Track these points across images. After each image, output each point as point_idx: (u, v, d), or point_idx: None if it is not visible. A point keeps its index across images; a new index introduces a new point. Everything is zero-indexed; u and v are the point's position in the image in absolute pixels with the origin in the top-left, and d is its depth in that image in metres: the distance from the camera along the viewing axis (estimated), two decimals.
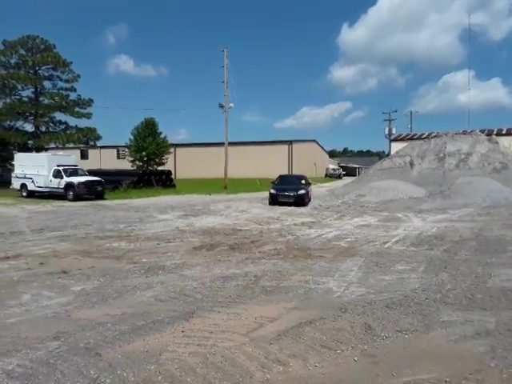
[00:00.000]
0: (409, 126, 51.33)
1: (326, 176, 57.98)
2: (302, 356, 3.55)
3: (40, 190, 22.27)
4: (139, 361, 3.43)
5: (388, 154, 36.51)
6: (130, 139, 33.00)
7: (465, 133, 28.64)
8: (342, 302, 4.94)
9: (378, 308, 4.72)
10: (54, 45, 32.80)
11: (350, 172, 61.85)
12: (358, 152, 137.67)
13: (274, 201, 17.46)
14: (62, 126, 33.48)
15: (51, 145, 33.33)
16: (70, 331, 4.08)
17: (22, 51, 31.87)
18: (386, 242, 8.78)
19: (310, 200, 18.90)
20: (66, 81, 33.12)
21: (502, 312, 4.57)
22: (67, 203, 19.38)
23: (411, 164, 24.35)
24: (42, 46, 32.34)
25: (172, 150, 38.06)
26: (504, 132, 35.53)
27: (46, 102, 32.71)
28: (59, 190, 21.30)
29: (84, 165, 28.91)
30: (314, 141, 57.43)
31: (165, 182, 30.56)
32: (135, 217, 13.79)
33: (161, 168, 32.84)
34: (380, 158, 42.23)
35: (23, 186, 22.90)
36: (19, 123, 32.54)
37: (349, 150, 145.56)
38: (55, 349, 3.68)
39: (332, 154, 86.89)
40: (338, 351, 3.64)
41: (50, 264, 7.02)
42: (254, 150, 45.59)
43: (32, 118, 32.38)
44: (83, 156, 46.07)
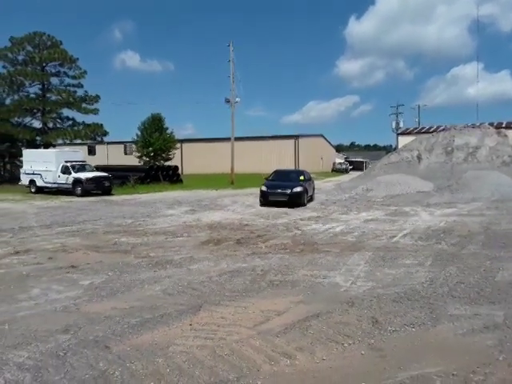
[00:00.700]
0: (416, 119, 50.97)
1: (332, 170, 57.73)
2: (309, 349, 3.56)
3: (48, 185, 22.47)
4: (147, 353, 3.47)
5: (395, 148, 36.26)
6: (137, 135, 33.15)
7: (473, 126, 28.32)
8: (349, 296, 4.94)
9: (385, 302, 4.71)
10: (60, 41, 32.97)
11: (357, 166, 61.49)
12: (365, 146, 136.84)
13: (265, 200, 14.90)
14: (70, 122, 33.71)
15: (59, 141, 33.60)
16: (79, 324, 4.13)
17: (29, 48, 32.02)
18: (394, 237, 8.75)
19: (312, 198, 17.21)
20: (73, 77, 33.28)
21: (511, 306, 4.54)
22: (75, 199, 19.54)
23: (419, 158, 24.17)
24: (49, 43, 32.47)
25: (178, 145, 38.13)
26: None
27: (54, 98, 32.92)
28: (67, 186, 21.47)
29: (91, 161, 29.09)
30: (321, 135, 57.19)
31: (172, 177, 30.64)
32: (143, 212, 13.87)
33: (167, 163, 32.94)
34: (387, 152, 41.96)
35: (32, 181, 23.12)
36: (27, 120, 32.82)
37: (356, 144, 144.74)
38: (65, 342, 3.73)
39: (339, 149, 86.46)
40: (345, 345, 3.64)
41: (58, 259, 7.10)
42: (260, 145, 45.53)
43: (40, 114, 32.61)
44: (90, 152, 46.29)
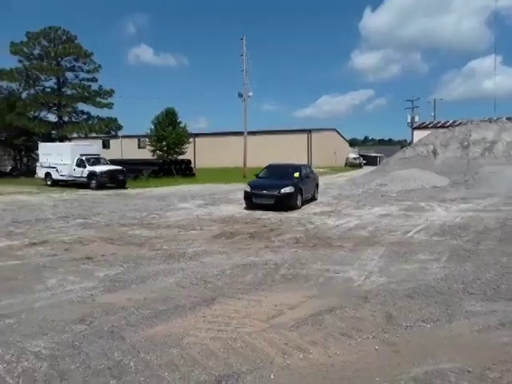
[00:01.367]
0: (432, 113, 50.10)
1: (346, 165, 57.25)
2: (323, 343, 3.55)
3: (64, 178, 22.80)
4: (162, 345, 3.50)
5: (410, 143, 35.77)
6: (151, 129, 33.33)
7: (490, 120, 27.72)
8: (363, 290, 4.91)
9: (399, 297, 4.67)
10: (75, 36, 33.23)
11: (371, 161, 60.79)
12: (380, 141, 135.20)
13: (249, 203, 12.53)
14: (85, 116, 34.05)
15: (74, 135, 34.00)
16: (95, 315, 4.19)
17: (45, 42, 32.33)
18: (408, 232, 8.65)
19: (314, 197, 15.11)
20: (88, 71, 33.55)
21: None
22: (90, 192, 19.80)
23: (434, 153, 23.79)
24: (64, 37, 32.74)
25: (191, 139, 38.26)
26: None
27: (69, 92, 33.27)
28: (82, 179, 21.75)
29: (106, 154, 29.37)
30: (334, 129, 56.67)
31: (184, 171, 30.79)
32: (156, 205, 13.98)
33: (181, 157, 33.09)
34: (402, 147, 41.39)
35: (48, 174, 23.49)
36: (43, 113, 33.28)
37: (370, 138, 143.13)
38: (80, 332, 3.79)
39: (352, 143, 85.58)
40: (359, 339, 3.63)
41: (74, 250, 7.21)
42: (273, 139, 45.35)
43: (55, 108, 33.03)
44: (105, 146, 46.90)
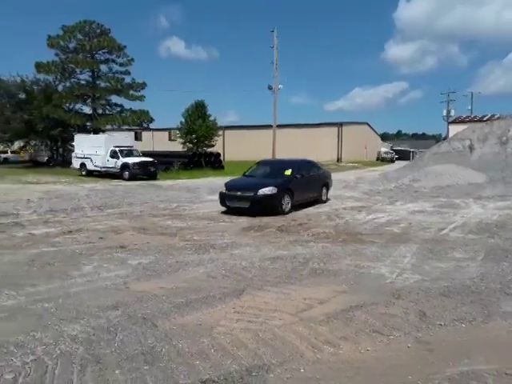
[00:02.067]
0: (469, 107, 48.28)
1: (377, 159, 56.11)
2: (353, 339, 3.51)
3: (98, 169, 23.50)
4: (193, 333, 3.56)
5: (445, 137, 34.61)
6: (181, 121, 33.73)
7: None
8: (395, 288, 4.81)
9: (433, 296, 4.55)
10: (109, 29, 33.90)
11: (404, 156, 59.30)
12: (413, 135, 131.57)
13: (224, 206, 10.80)
14: (118, 109, 34.87)
15: (108, 126, 34.90)
16: (128, 302, 4.31)
17: (80, 36, 33.17)
18: (443, 229, 8.39)
19: (321, 199, 12.51)
20: (121, 64, 34.25)
21: None
22: (123, 182, 20.32)
23: (471, 148, 22.90)
24: (98, 31, 33.49)
25: (221, 132, 38.50)
26: None
27: (103, 85, 34.12)
28: (115, 170, 22.34)
29: (138, 146, 30.01)
30: (366, 123, 55.54)
31: (214, 163, 31.05)
32: (186, 197, 14.20)
33: (210, 150, 33.39)
34: (436, 142, 40.14)
35: (82, 165, 24.28)
36: (78, 106, 34.32)
37: (403, 132, 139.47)
38: (115, 318, 3.91)
39: (384, 137, 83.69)
40: (391, 337, 3.56)
41: (108, 239, 7.43)
42: (302, 133, 44.97)
43: (90, 100, 33.98)
44: (137, 138, 47.76)
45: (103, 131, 33.87)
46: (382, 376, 2.97)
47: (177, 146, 35.48)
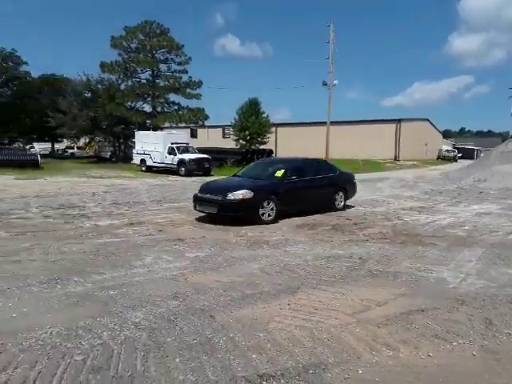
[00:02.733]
0: None
1: (438, 158, 53.28)
2: (414, 344, 3.38)
3: (156, 165, 24.52)
4: (249, 327, 3.61)
5: None
6: (235, 118, 34.24)
7: None
8: (459, 293, 4.55)
9: (500, 303, 4.26)
10: (168, 29, 35.16)
11: (467, 154, 55.81)
12: (477, 132, 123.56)
13: (195, 208, 9.40)
14: (175, 107, 36.10)
15: (166, 124, 36.26)
16: (187, 293, 4.46)
17: (141, 36, 34.70)
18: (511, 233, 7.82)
19: (334, 206, 10.49)
20: (179, 63, 35.43)
21: None
22: (180, 178, 21.04)
23: None
24: (158, 31, 34.81)
25: (273, 129, 38.54)
26: None
27: (162, 83, 35.49)
28: (173, 166, 23.17)
29: (193, 143, 30.87)
30: (426, 119, 52.88)
31: None
32: None
33: (262, 147, 33.57)
34: (503, 140, 37.40)
35: (142, 161, 25.44)
36: (139, 104, 36.00)
37: (466, 130, 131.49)
38: (175, 307, 4.06)
39: (446, 135, 79.25)
40: (454, 343, 3.38)
41: (167, 232, 7.73)
42: (357, 130, 43.78)
43: (150, 99, 35.49)
44: (193, 135, 49.17)
45: (161, 128, 35.24)
46: (445, 383, 2.83)
47: (230, 143, 36.07)
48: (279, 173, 9.58)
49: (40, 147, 44.03)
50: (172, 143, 23.73)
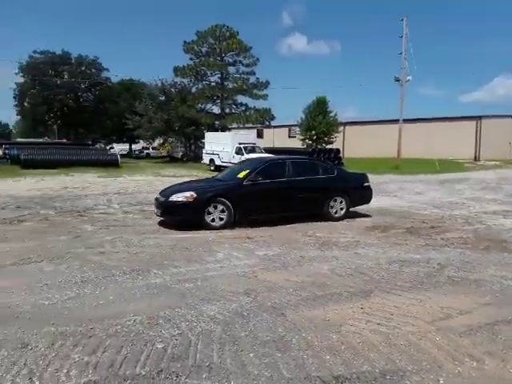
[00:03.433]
0: None
1: None
2: (500, 356, 3.13)
3: (224, 164, 25.17)
4: (321, 328, 3.58)
5: None
6: (302, 118, 34.11)
7: None
8: None
9: None
10: (237, 31, 35.97)
11: None
12: None
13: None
14: (243, 108, 36.88)
15: (233, 125, 37.17)
16: (258, 290, 4.53)
17: (211, 40, 35.89)
18: None
19: (332, 212, 8.97)
20: (247, 65, 36.13)
21: None
22: None
23: None
24: (227, 34, 35.75)
25: (341, 128, 37.75)
26: None
27: (230, 85, 36.43)
28: None
29: (260, 143, 31.27)
30: (510, 116, 48.54)
31: (333, 160, 30.48)
32: None
33: (329, 146, 33.04)
34: None
35: (211, 160, 26.35)
36: (208, 106, 37.33)
37: None
38: (247, 303, 4.15)
39: None
40: None
41: (236, 229, 7.90)
42: (432, 127, 41.34)
43: (218, 100, 36.59)
44: (259, 135, 49.82)
45: (229, 129, 36.18)
46: None
47: (296, 143, 35.98)
48: (241, 174, 8.71)
49: (119, 148, 47.40)
50: (239, 143, 24.27)
